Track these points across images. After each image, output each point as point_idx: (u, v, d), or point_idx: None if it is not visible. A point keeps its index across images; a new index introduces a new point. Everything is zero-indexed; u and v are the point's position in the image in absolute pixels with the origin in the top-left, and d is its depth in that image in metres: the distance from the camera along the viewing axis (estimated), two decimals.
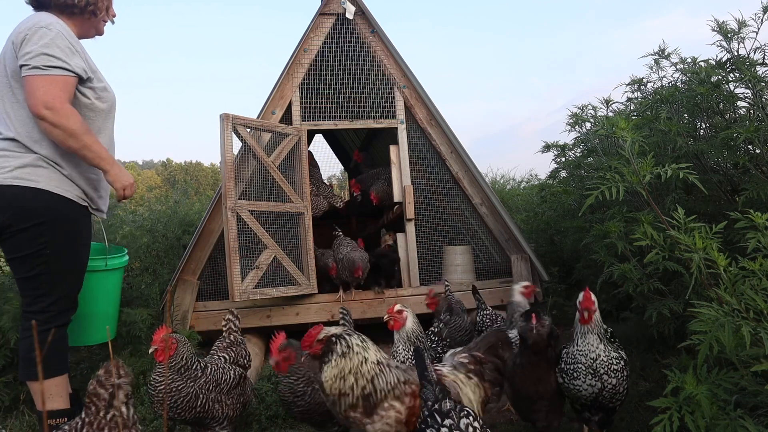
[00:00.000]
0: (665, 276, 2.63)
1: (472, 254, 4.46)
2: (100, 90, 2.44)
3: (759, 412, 1.70)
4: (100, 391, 1.57)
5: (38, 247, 2.28)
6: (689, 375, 1.71)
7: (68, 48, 2.27)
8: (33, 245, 2.28)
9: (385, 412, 1.77)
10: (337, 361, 1.77)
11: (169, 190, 10.22)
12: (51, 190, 2.29)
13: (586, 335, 2.22)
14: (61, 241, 2.33)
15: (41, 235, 2.27)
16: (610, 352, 2.20)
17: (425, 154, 4.46)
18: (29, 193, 2.24)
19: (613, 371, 2.16)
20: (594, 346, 2.19)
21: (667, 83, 3.41)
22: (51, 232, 2.29)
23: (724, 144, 2.67)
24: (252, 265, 3.73)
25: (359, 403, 1.76)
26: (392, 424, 1.77)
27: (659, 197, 2.98)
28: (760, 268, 1.69)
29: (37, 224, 2.25)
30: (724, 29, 2.69)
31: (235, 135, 3.77)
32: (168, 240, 4.93)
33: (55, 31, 2.25)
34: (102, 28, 2.60)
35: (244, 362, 2.64)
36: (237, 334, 2.73)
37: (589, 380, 2.16)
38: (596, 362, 2.16)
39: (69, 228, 2.36)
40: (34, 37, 2.21)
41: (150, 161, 63.45)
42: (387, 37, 4.30)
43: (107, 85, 2.51)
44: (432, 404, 1.66)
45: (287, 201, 4.00)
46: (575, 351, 2.22)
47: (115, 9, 2.64)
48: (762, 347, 1.51)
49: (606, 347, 2.20)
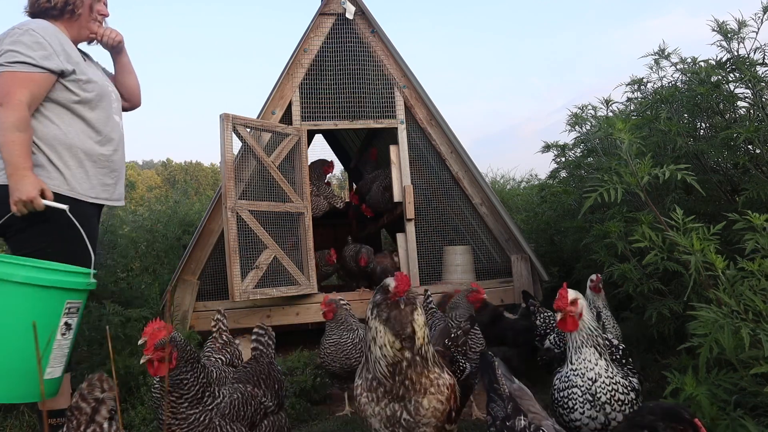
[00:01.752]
0: (665, 276, 2.63)
1: (472, 254, 4.46)
2: (83, 82, 2.42)
3: (758, 412, 1.70)
4: (82, 405, 1.50)
5: (39, 246, 2.28)
6: (689, 376, 1.71)
7: (36, 43, 2.26)
8: (33, 245, 2.28)
9: (436, 385, 1.64)
10: (420, 311, 1.70)
11: (169, 190, 10.22)
12: (53, 190, 2.29)
13: (580, 349, 1.75)
14: (65, 240, 2.32)
15: (40, 234, 2.27)
16: (615, 375, 1.73)
17: (425, 154, 4.45)
18: None
19: (618, 402, 1.67)
20: (592, 363, 1.72)
21: (667, 83, 3.41)
22: (51, 231, 2.29)
23: (724, 144, 2.67)
24: (252, 265, 3.73)
25: (421, 363, 1.65)
26: (443, 401, 1.64)
27: (659, 197, 2.98)
28: (758, 268, 1.69)
29: (34, 224, 2.25)
30: (724, 29, 2.68)
31: (235, 135, 3.77)
32: (168, 240, 4.94)
33: (25, 29, 2.27)
34: (93, 28, 2.56)
35: (238, 362, 2.65)
36: (227, 334, 2.72)
37: (588, 411, 1.68)
38: (595, 384, 1.70)
39: (75, 228, 2.36)
40: (6, 38, 2.25)
41: (150, 161, 63.43)
42: (387, 37, 4.30)
43: (92, 77, 2.47)
44: (502, 422, 1.46)
45: (287, 201, 4.00)
46: (569, 372, 1.76)
47: (107, 9, 2.61)
48: (761, 349, 1.51)
49: (609, 366, 1.75)
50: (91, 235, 2.48)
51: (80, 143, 2.41)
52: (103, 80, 2.54)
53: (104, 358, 3.22)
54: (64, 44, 2.37)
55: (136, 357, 3.34)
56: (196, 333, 3.65)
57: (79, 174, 2.41)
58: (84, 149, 2.42)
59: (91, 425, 1.52)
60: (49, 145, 2.33)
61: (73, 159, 2.39)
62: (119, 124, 2.66)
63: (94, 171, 2.48)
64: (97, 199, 2.49)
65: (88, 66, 2.53)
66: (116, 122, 2.62)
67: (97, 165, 2.48)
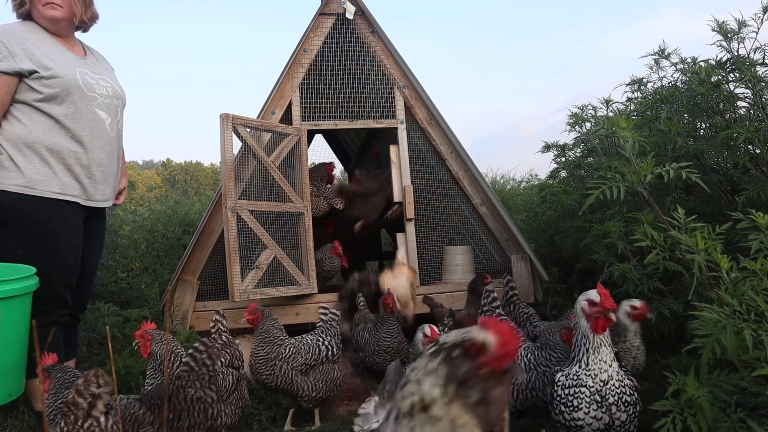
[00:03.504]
0: (665, 276, 2.63)
1: (473, 254, 4.46)
2: (46, 78, 2.39)
3: (759, 413, 1.70)
4: (78, 401, 1.53)
5: (10, 247, 2.28)
6: (690, 377, 1.71)
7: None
8: (5, 246, 2.29)
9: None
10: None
11: (169, 190, 10.22)
12: (9, 189, 2.29)
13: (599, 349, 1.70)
14: (34, 240, 2.31)
15: (11, 235, 2.27)
16: (624, 378, 1.75)
17: (425, 154, 4.45)
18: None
19: (624, 403, 1.69)
20: (607, 364, 1.70)
21: (667, 83, 3.41)
22: (20, 232, 2.29)
23: (724, 144, 2.67)
24: (252, 265, 3.73)
25: None
26: None
27: (659, 197, 2.97)
28: (761, 268, 1.69)
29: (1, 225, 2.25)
30: (724, 29, 2.69)
31: (235, 135, 3.77)
32: (168, 240, 4.94)
33: None
34: (47, 13, 2.44)
35: (239, 363, 2.60)
36: (227, 335, 2.67)
37: (594, 411, 1.68)
38: (606, 386, 1.69)
39: (41, 227, 2.34)
40: None
41: (150, 161, 63.39)
42: (387, 37, 4.30)
43: (57, 71, 2.41)
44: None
45: (287, 201, 4.00)
46: (580, 372, 1.72)
47: None
48: (763, 350, 1.51)
49: (618, 368, 1.76)
50: (70, 235, 2.44)
51: (45, 139, 2.38)
52: (73, 74, 2.47)
53: (104, 358, 3.22)
54: (26, 43, 2.36)
55: (136, 357, 3.34)
56: (196, 333, 3.65)
57: (43, 170, 2.37)
58: (48, 145, 2.38)
59: (88, 420, 1.53)
60: (13, 144, 2.33)
61: (36, 156, 2.36)
62: (104, 120, 2.58)
63: (63, 168, 2.43)
64: (65, 195, 2.43)
65: (63, 60, 2.47)
66: (97, 117, 2.55)
67: (69, 161, 2.44)
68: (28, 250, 2.29)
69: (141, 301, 4.02)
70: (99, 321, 3.26)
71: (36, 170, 2.35)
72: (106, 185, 2.64)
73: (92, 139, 2.52)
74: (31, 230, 2.30)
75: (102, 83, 2.61)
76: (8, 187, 2.28)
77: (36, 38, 2.43)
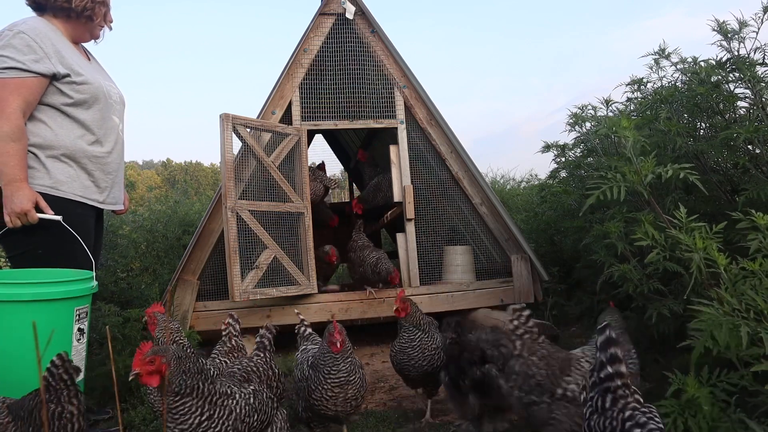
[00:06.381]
0: (665, 276, 2.63)
1: (473, 254, 4.46)
2: (77, 84, 2.40)
3: (759, 413, 1.70)
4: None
5: (30, 247, 2.29)
6: (690, 377, 1.71)
7: (27, 47, 2.22)
8: (24, 245, 2.29)
9: None
10: None
11: (169, 190, 10.23)
12: (35, 190, 2.28)
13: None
14: (54, 240, 2.31)
15: (31, 234, 2.27)
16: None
17: (425, 154, 4.45)
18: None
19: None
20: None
21: (667, 83, 3.41)
22: (42, 232, 2.28)
23: (724, 144, 2.67)
24: (252, 265, 3.73)
25: None
26: None
27: (659, 197, 2.97)
28: (760, 267, 1.69)
29: (24, 224, 2.25)
30: (724, 29, 2.68)
31: (235, 135, 3.77)
32: (168, 240, 4.94)
33: (15, 32, 2.23)
34: (98, 32, 2.61)
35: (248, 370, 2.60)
36: (238, 339, 2.65)
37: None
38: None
39: (61, 227, 2.35)
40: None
41: (150, 161, 63.46)
42: (387, 37, 4.30)
43: (87, 77, 2.45)
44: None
45: (287, 201, 4.00)
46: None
47: (112, 15, 2.64)
48: (762, 347, 1.51)
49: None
50: (87, 237, 2.47)
51: (71, 144, 2.39)
52: (99, 81, 2.52)
53: (104, 358, 3.22)
54: (57, 45, 2.34)
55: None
56: (196, 333, 3.65)
57: (67, 173, 2.38)
58: (75, 150, 2.40)
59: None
60: (39, 147, 2.32)
61: (61, 158, 2.37)
62: (118, 126, 2.64)
63: (85, 172, 2.46)
64: (86, 199, 2.46)
65: (86, 66, 2.52)
66: (114, 123, 2.61)
67: (90, 166, 2.46)
68: (47, 250, 2.29)
69: (141, 301, 4.01)
70: (99, 321, 3.26)
71: (61, 171, 2.36)
72: (118, 188, 2.68)
73: (112, 144, 2.58)
74: (53, 231, 2.30)
75: (113, 90, 2.64)
76: (34, 187, 2.28)
77: (61, 41, 2.41)
